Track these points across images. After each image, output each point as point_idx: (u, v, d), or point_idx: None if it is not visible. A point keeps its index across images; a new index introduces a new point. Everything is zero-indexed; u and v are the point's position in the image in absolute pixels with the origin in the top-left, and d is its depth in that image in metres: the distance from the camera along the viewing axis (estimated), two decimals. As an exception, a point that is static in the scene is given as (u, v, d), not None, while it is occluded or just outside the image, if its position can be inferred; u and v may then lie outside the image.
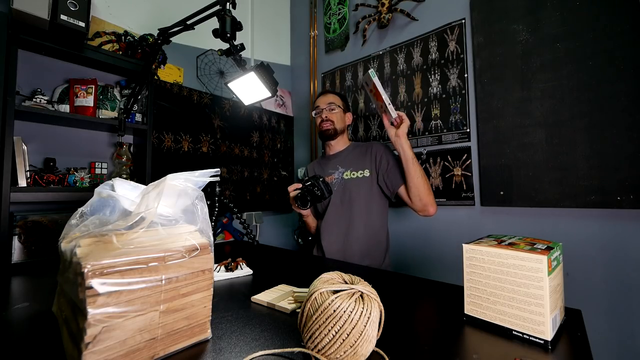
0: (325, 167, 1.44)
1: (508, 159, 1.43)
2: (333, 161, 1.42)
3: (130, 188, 0.49)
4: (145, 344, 0.40)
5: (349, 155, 1.39)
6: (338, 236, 1.29)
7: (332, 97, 1.44)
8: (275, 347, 0.44)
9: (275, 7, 2.53)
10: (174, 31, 0.96)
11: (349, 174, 1.34)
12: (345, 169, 1.36)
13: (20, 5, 1.04)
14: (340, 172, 1.36)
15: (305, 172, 1.56)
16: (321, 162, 1.50)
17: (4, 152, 1.08)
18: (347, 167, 1.36)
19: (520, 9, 1.41)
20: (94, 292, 0.35)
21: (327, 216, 1.33)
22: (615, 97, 1.18)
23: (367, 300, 0.40)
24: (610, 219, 1.20)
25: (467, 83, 1.58)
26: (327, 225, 1.32)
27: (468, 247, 0.53)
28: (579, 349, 0.45)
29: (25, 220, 1.13)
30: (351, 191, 1.30)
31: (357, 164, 1.34)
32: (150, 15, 1.74)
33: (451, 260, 1.58)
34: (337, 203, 1.32)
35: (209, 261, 0.47)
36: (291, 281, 0.74)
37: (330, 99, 1.43)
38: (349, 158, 1.38)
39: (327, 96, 1.46)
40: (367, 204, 1.29)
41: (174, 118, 1.78)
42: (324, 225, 1.33)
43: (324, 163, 1.47)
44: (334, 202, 1.33)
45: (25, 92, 1.25)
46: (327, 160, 1.46)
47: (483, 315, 0.51)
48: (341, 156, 1.41)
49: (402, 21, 1.85)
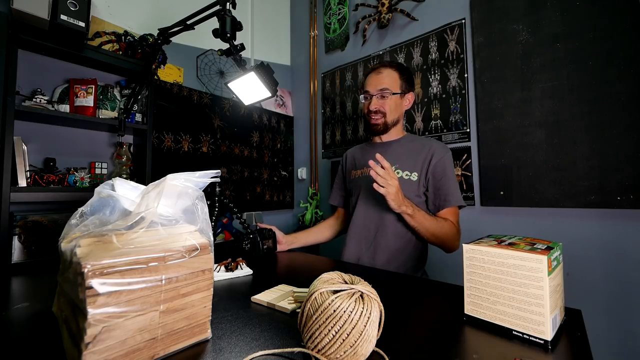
0: (368, 155, 1.16)
1: (508, 159, 1.43)
2: (379, 150, 1.10)
3: (130, 188, 0.49)
4: (145, 344, 0.40)
5: (400, 149, 1.12)
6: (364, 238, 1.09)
7: (386, 79, 1.08)
8: (275, 347, 0.44)
9: (275, 7, 2.54)
10: (174, 31, 0.96)
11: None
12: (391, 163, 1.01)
13: (20, 5, 1.04)
14: None
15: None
16: (365, 148, 1.23)
17: (4, 152, 1.08)
18: (394, 162, 1.08)
19: (520, 9, 1.41)
20: (94, 292, 0.35)
21: (358, 217, 1.12)
22: (615, 97, 1.18)
23: (367, 300, 0.40)
24: (610, 219, 1.20)
25: (467, 83, 1.58)
26: (354, 229, 1.13)
27: (468, 247, 0.53)
28: (579, 349, 0.45)
29: (25, 220, 1.13)
30: None
31: (407, 163, 1.08)
32: (150, 15, 1.74)
33: (451, 260, 1.57)
34: (369, 202, 1.10)
35: (209, 261, 0.47)
36: (291, 281, 0.74)
37: (384, 82, 1.08)
38: (399, 152, 1.11)
39: (380, 75, 1.10)
40: None
41: (174, 118, 1.78)
42: (351, 228, 1.14)
43: (367, 150, 1.20)
44: (366, 201, 1.10)
45: (25, 92, 1.25)
46: (372, 148, 1.18)
47: (483, 315, 0.51)
48: (391, 147, 1.13)
49: (402, 21, 1.85)
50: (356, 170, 1.21)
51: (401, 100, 1.11)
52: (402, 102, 1.12)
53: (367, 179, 1.11)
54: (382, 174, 0.86)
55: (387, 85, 1.08)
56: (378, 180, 0.86)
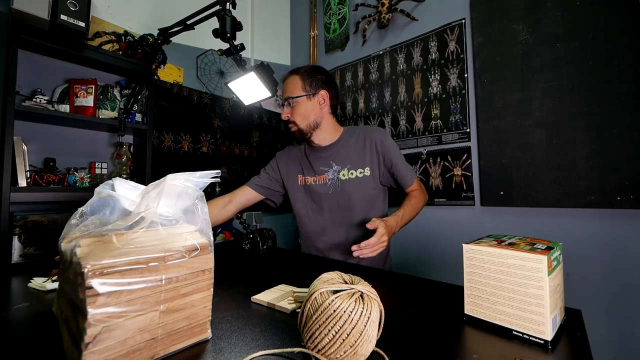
0: (315, 162, 1.14)
1: (508, 159, 1.43)
2: (324, 156, 1.13)
3: (130, 188, 0.49)
4: (145, 344, 0.40)
5: (344, 149, 1.12)
6: (335, 240, 1.12)
7: (289, 87, 1.09)
8: (275, 347, 0.44)
9: (275, 7, 2.53)
10: (174, 31, 0.96)
11: (346, 173, 1.10)
12: (341, 166, 1.10)
13: (20, 5, 1.04)
14: (335, 172, 1.11)
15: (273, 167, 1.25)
16: (309, 153, 1.17)
17: (4, 152, 1.08)
18: (343, 165, 1.10)
19: (520, 9, 1.41)
20: (94, 292, 0.35)
21: (324, 222, 1.14)
22: (615, 97, 1.19)
23: (367, 300, 0.40)
24: (610, 219, 1.20)
25: (467, 83, 1.58)
26: (323, 230, 1.14)
27: (468, 247, 0.53)
28: (579, 349, 0.45)
29: (25, 220, 1.13)
30: (350, 194, 1.09)
31: (355, 161, 1.10)
32: (150, 15, 1.74)
33: (451, 260, 1.58)
34: (334, 208, 1.11)
35: (209, 261, 0.47)
36: (291, 281, 0.74)
37: (287, 90, 1.09)
38: (345, 152, 1.11)
39: (285, 85, 1.11)
40: (368, 206, 1.11)
41: (174, 118, 1.78)
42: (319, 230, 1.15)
43: (312, 157, 1.16)
44: (330, 207, 1.12)
45: (25, 92, 1.25)
46: (315, 153, 1.15)
47: (483, 315, 0.51)
48: (334, 149, 1.12)
49: (402, 21, 1.85)
50: (305, 176, 1.17)
51: (311, 101, 1.08)
52: (315, 103, 1.08)
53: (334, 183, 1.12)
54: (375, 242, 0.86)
55: (290, 93, 1.08)
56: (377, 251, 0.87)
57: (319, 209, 1.14)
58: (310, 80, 1.08)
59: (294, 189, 1.20)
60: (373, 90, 2.00)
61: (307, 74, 1.08)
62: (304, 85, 1.07)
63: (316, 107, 1.09)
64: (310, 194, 1.16)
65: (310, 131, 1.10)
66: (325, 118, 1.11)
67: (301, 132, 1.10)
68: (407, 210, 1.03)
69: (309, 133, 1.10)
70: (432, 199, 1.68)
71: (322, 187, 1.12)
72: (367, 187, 1.09)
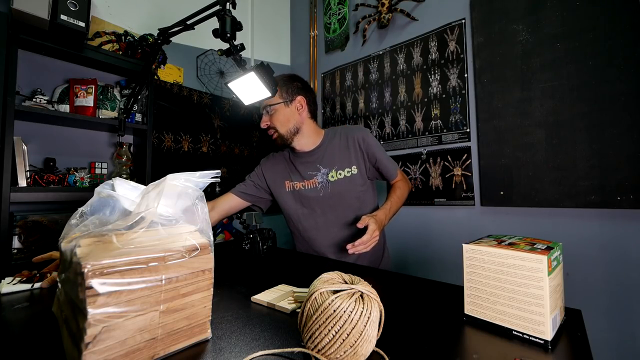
0: (302, 168, 1.16)
1: (508, 159, 1.43)
2: (310, 160, 1.15)
3: (130, 188, 0.49)
4: (145, 344, 0.40)
5: (328, 152, 1.14)
6: (331, 239, 1.13)
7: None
8: (275, 347, 0.44)
9: (275, 7, 2.54)
10: (174, 31, 0.96)
11: (334, 174, 1.12)
12: (328, 168, 1.12)
13: (20, 5, 1.04)
14: (324, 174, 1.13)
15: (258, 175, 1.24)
16: (294, 159, 1.18)
17: (4, 152, 1.08)
18: (330, 166, 1.12)
19: (520, 9, 1.41)
20: (94, 292, 0.35)
21: (317, 225, 1.15)
22: (615, 97, 1.19)
23: (367, 300, 0.40)
24: (610, 219, 1.20)
25: (467, 83, 1.58)
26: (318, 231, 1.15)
27: (468, 247, 0.53)
28: (579, 349, 0.45)
29: (25, 220, 1.13)
30: (342, 194, 1.11)
31: (341, 161, 1.12)
32: (150, 15, 1.74)
33: (451, 260, 1.58)
34: (326, 209, 1.13)
35: (209, 261, 0.47)
36: (291, 281, 0.74)
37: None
38: (331, 155, 1.14)
39: None
40: (359, 202, 1.13)
41: (174, 118, 1.78)
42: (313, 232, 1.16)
43: (298, 162, 1.17)
44: (323, 209, 1.13)
45: (25, 92, 1.25)
46: (301, 159, 1.17)
47: (483, 315, 0.51)
48: (319, 153, 1.14)
49: (402, 21, 1.85)
50: (293, 182, 1.17)
51: (289, 107, 1.10)
52: (293, 109, 1.11)
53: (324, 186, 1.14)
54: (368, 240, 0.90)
55: (267, 101, 1.09)
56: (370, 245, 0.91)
57: (311, 212, 1.15)
58: (287, 87, 1.10)
59: (282, 196, 1.19)
60: (373, 90, 2.00)
61: (283, 82, 1.11)
62: (281, 92, 1.09)
63: (294, 113, 1.11)
64: (300, 199, 1.16)
65: (290, 137, 1.11)
66: (306, 123, 1.13)
67: (282, 138, 1.11)
68: (394, 202, 1.09)
69: (289, 139, 1.11)
70: (432, 199, 1.68)
71: (313, 191, 1.14)
72: (357, 185, 1.12)
